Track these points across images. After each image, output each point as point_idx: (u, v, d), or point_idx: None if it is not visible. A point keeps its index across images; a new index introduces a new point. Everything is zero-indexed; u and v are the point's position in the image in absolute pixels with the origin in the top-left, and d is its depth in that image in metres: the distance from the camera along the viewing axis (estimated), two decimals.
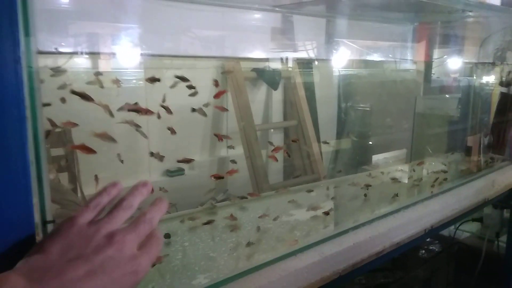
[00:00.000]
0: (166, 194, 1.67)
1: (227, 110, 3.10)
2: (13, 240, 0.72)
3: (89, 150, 1.20)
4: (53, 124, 1.21)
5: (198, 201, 3.17)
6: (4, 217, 0.70)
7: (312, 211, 1.69)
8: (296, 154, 3.85)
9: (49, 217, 0.83)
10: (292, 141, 3.60)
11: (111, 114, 1.36)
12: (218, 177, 1.66)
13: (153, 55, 2.63)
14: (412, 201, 1.90)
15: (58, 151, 2.29)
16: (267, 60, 3.45)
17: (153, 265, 1.24)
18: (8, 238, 0.71)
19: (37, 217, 0.77)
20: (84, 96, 1.21)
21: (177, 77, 1.54)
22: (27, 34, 0.73)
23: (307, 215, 1.66)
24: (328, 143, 3.70)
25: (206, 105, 1.69)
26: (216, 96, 1.54)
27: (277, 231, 1.52)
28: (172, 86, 1.61)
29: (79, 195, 2.46)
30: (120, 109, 1.33)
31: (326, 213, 1.65)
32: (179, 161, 1.64)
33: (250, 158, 3.21)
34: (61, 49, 2.04)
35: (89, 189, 2.43)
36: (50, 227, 0.84)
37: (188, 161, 1.64)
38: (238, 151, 3.12)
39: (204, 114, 1.65)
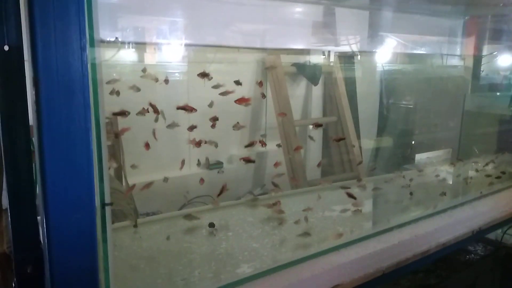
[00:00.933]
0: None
1: (285, 114, 3.10)
2: (76, 219, 0.76)
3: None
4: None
5: (235, 194, 3.21)
6: (68, 198, 0.74)
7: (353, 207, 1.66)
8: (334, 151, 3.80)
9: (107, 201, 0.87)
10: (335, 140, 3.52)
11: (164, 116, 1.42)
12: (248, 161, 1.65)
13: (197, 45, 2.66)
14: (460, 201, 1.82)
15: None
16: (308, 52, 3.40)
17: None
18: (72, 218, 0.75)
19: (97, 200, 0.81)
20: (154, 108, 1.31)
21: (236, 82, 1.58)
22: (90, 27, 0.76)
23: (348, 211, 1.63)
24: (354, 146, 3.61)
25: (247, 105, 1.71)
26: (239, 101, 1.53)
27: (319, 225, 1.51)
28: (216, 86, 1.63)
29: (124, 184, 2.56)
30: (180, 108, 1.41)
31: (350, 196, 1.60)
32: (246, 146, 1.68)
33: (288, 153, 3.19)
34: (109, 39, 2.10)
35: (133, 178, 2.52)
36: (108, 210, 0.88)
37: (252, 144, 1.68)
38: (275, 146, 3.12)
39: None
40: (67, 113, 0.71)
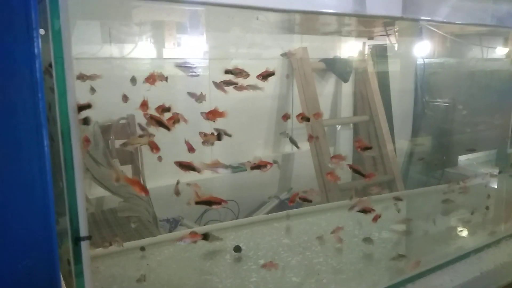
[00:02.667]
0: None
1: (320, 115, 2.82)
2: (25, 268, 0.48)
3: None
4: None
5: (260, 199, 2.94)
6: (8, 236, 0.46)
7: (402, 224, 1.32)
8: (366, 153, 3.50)
9: (84, 232, 0.59)
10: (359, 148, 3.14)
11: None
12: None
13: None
14: None
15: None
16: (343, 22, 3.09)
17: None
18: (16, 267, 0.47)
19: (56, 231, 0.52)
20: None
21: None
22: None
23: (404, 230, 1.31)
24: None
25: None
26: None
27: (374, 250, 1.19)
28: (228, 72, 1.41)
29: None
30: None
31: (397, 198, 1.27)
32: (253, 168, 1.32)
33: (317, 155, 2.93)
34: None
35: (152, 182, 2.29)
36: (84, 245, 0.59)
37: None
38: (303, 148, 2.85)
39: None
40: (3, 99, 0.43)
